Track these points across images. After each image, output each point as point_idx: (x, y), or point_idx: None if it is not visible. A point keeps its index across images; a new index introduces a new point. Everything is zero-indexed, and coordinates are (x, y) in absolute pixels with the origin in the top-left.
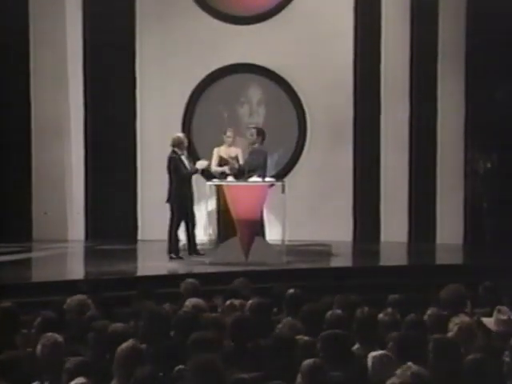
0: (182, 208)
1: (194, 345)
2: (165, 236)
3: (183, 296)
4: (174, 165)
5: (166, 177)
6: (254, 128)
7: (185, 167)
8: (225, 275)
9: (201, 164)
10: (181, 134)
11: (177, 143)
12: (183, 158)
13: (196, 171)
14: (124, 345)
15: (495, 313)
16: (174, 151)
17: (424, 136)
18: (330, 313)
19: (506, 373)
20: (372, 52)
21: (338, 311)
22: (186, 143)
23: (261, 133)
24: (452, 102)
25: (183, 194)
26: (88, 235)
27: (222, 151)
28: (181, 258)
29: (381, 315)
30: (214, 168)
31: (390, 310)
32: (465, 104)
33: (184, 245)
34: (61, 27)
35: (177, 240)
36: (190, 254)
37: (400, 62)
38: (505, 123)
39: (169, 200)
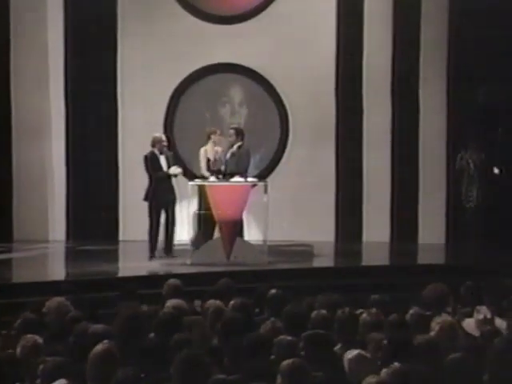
0: (158, 207)
1: (176, 346)
2: (147, 236)
3: (165, 297)
4: (148, 164)
5: (145, 179)
6: (232, 128)
7: (160, 168)
8: (206, 276)
9: (173, 170)
10: (158, 134)
11: (154, 143)
12: (162, 158)
13: (168, 176)
14: (98, 347)
15: (475, 313)
16: (151, 151)
17: (406, 136)
18: (315, 313)
19: (487, 372)
20: (354, 52)
21: (323, 311)
22: (164, 143)
23: (240, 132)
24: (434, 101)
25: (160, 194)
26: (69, 235)
27: (208, 152)
28: (159, 257)
29: (364, 315)
30: (206, 173)
31: (374, 310)
32: (447, 104)
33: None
34: (42, 26)
35: (156, 239)
36: (165, 253)
37: (382, 62)
38: (487, 123)
39: (145, 198)
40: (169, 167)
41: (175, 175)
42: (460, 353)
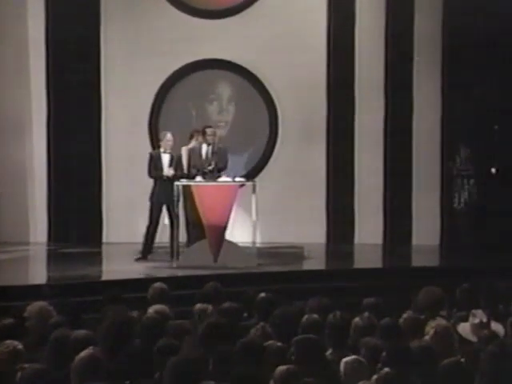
0: (154, 207)
1: (160, 352)
2: (131, 238)
3: (150, 301)
4: (148, 161)
5: (132, 177)
6: (210, 127)
7: (159, 167)
8: (193, 279)
9: (165, 172)
10: (164, 132)
11: (161, 140)
12: (165, 157)
13: (160, 177)
14: (82, 354)
15: (470, 317)
16: (157, 150)
17: (399, 135)
18: (305, 317)
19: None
20: (346, 48)
21: (314, 316)
22: (170, 143)
23: (217, 133)
24: (428, 100)
25: (158, 194)
26: (51, 237)
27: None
28: (143, 259)
29: (356, 319)
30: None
31: (366, 314)
32: (441, 102)
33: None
34: (22, 21)
35: (151, 240)
36: (171, 256)
37: (375, 60)
38: (483, 121)
39: (150, 198)
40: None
41: (167, 177)
42: (455, 358)
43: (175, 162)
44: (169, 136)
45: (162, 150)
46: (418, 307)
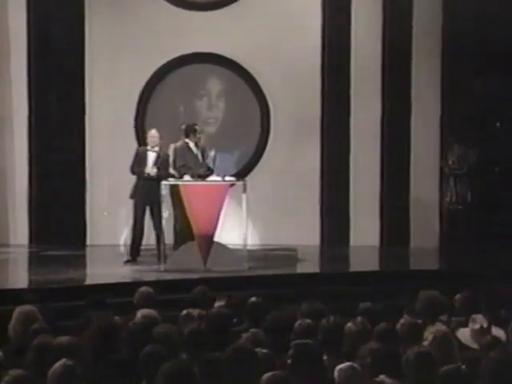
0: (138, 207)
1: (146, 359)
2: (116, 240)
3: (137, 306)
4: (133, 157)
5: (116, 176)
6: (197, 125)
7: (139, 164)
8: (181, 283)
9: (148, 169)
10: (152, 130)
11: (147, 138)
12: (151, 155)
13: (141, 174)
14: (56, 365)
15: (470, 322)
16: (143, 146)
17: (397, 133)
18: (298, 322)
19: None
20: (341, 42)
21: (308, 321)
22: (154, 140)
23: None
24: (428, 95)
25: (141, 193)
26: (32, 239)
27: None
28: (132, 261)
29: (349, 324)
30: (172, 171)
31: (359, 319)
32: (441, 97)
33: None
34: (3, 17)
35: (137, 242)
36: (158, 259)
37: (372, 55)
38: (485, 118)
39: (130, 196)
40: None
41: (148, 174)
42: (455, 365)
43: (161, 160)
44: (153, 132)
45: (148, 147)
46: (416, 312)
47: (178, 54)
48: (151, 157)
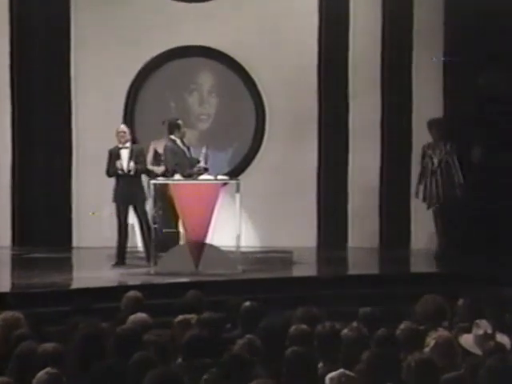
0: (121, 209)
1: (135, 367)
2: (103, 243)
3: (124, 311)
4: (107, 159)
5: (103, 176)
6: (179, 120)
7: (113, 165)
8: (172, 287)
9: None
10: (121, 125)
11: (116, 135)
12: (124, 152)
13: (117, 173)
14: (41, 373)
15: (474, 328)
16: (116, 145)
17: (398, 130)
18: (293, 328)
19: None
20: (339, 36)
21: (303, 326)
22: (122, 135)
23: None
24: (429, 91)
25: (120, 194)
26: (15, 241)
27: (159, 146)
28: (121, 264)
29: (345, 330)
30: (151, 167)
31: (354, 324)
32: (443, 93)
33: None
34: None
35: (122, 244)
36: (148, 261)
37: (371, 49)
38: (488, 116)
39: (113, 199)
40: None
41: (128, 171)
42: (457, 372)
43: (135, 156)
44: (122, 127)
45: (119, 145)
46: (417, 317)
47: (167, 47)
48: (124, 154)
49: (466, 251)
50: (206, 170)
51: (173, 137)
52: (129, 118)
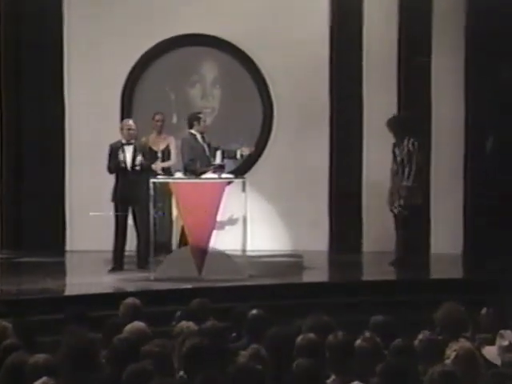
0: (119, 209)
1: (132, 379)
2: (98, 246)
3: (122, 320)
4: (108, 155)
5: (100, 174)
6: (201, 113)
7: (113, 159)
8: (173, 294)
9: (122, 157)
10: (125, 120)
11: (120, 130)
12: (128, 148)
13: (119, 168)
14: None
15: (498, 339)
16: (118, 140)
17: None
18: (301, 337)
19: None
20: (353, 21)
21: (311, 335)
22: (131, 130)
23: None
24: (449, 82)
25: (121, 192)
26: (3, 244)
27: (151, 141)
28: (118, 269)
29: (358, 341)
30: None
31: (367, 334)
32: (464, 84)
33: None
34: None
35: (120, 247)
36: (138, 267)
37: (387, 36)
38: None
39: (112, 199)
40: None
41: (125, 166)
42: None
43: (139, 152)
44: (130, 122)
45: (123, 140)
46: (436, 327)
47: (167, 35)
48: (129, 150)
49: (490, 255)
50: (221, 167)
51: (192, 131)
52: (126, 112)
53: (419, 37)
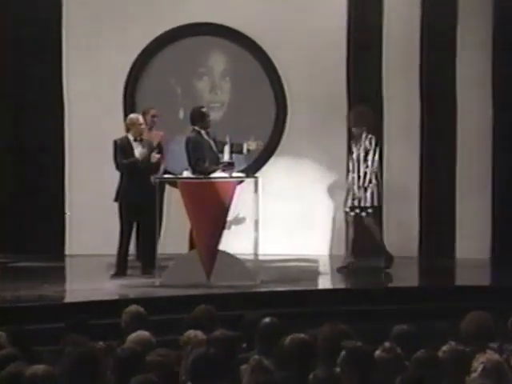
0: (127, 209)
1: None
2: (99, 250)
3: (125, 328)
4: (117, 152)
5: (102, 174)
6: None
7: (126, 156)
8: (179, 300)
9: (140, 153)
10: (134, 115)
11: (129, 126)
12: (137, 145)
13: (136, 162)
14: None
15: None
16: (124, 136)
17: (439, 122)
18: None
19: None
20: (372, 10)
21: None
22: (142, 126)
23: None
24: (475, 76)
25: (129, 191)
26: (0, 249)
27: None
28: (121, 275)
29: (378, 352)
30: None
31: (388, 344)
32: (491, 81)
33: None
34: None
35: (122, 252)
36: (142, 273)
37: (408, 24)
38: None
39: (116, 199)
40: None
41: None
42: None
43: (149, 150)
44: (140, 119)
45: (131, 137)
46: (462, 337)
47: (174, 25)
48: (138, 147)
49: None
50: (231, 165)
51: (197, 127)
52: (130, 107)
53: (443, 30)
